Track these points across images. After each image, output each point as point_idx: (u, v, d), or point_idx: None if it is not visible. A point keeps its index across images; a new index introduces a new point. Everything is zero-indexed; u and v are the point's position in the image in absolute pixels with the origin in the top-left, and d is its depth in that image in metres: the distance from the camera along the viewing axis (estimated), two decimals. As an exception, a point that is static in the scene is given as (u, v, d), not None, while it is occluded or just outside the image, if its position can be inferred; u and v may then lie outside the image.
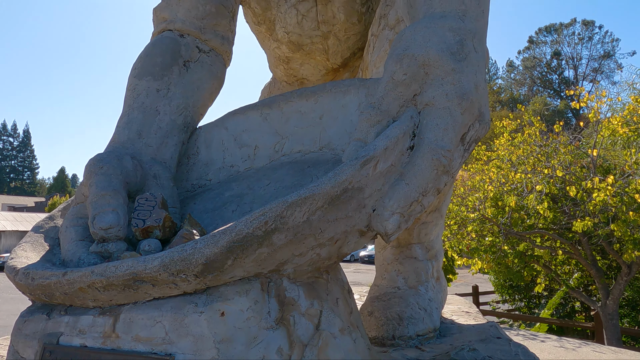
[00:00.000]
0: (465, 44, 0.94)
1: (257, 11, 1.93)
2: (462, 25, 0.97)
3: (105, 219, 0.93)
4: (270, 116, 1.39)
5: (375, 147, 0.79)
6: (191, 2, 1.53)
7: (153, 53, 1.44)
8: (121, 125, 1.30)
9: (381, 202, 0.84)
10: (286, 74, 2.26)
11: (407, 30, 0.98)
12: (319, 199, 0.73)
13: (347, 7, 1.84)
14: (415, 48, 0.93)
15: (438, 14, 1.01)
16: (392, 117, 0.91)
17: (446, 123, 0.87)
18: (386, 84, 0.93)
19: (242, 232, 0.69)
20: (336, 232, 0.80)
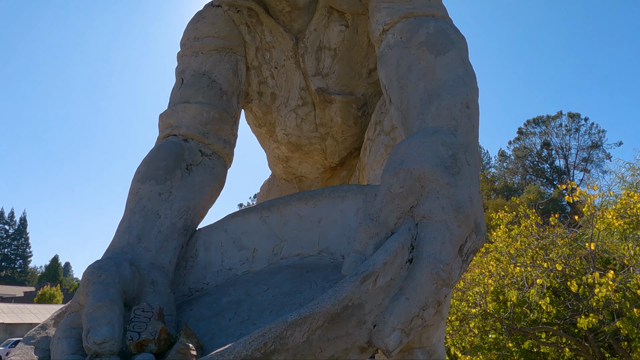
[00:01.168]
0: (458, 158, 0.98)
1: (258, 115, 2.03)
2: (454, 140, 1.02)
3: (100, 333, 0.90)
4: (269, 219, 1.40)
5: (375, 262, 0.80)
6: (196, 109, 1.62)
7: (157, 157, 1.49)
8: (121, 229, 1.31)
9: (382, 317, 0.83)
10: (285, 172, 2.32)
11: (402, 144, 1.03)
12: (319, 317, 0.72)
13: (344, 111, 1.94)
14: (410, 162, 0.97)
15: (431, 128, 1.07)
16: (390, 229, 0.93)
17: (444, 236, 0.88)
18: (383, 196, 0.96)
19: (240, 354, 0.67)
20: (336, 350, 0.78)
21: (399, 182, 0.95)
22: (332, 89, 1.90)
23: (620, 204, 6.39)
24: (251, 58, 1.90)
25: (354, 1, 1.76)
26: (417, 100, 1.20)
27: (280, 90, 1.95)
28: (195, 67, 1.73)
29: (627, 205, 6.17)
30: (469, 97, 1.13)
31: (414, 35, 1.38)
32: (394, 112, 1.35)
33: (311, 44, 1.83)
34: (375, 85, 1.96)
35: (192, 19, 1.87)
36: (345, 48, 1.85)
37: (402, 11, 1.47)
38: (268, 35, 1.86)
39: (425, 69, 1.26)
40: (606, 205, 7.03)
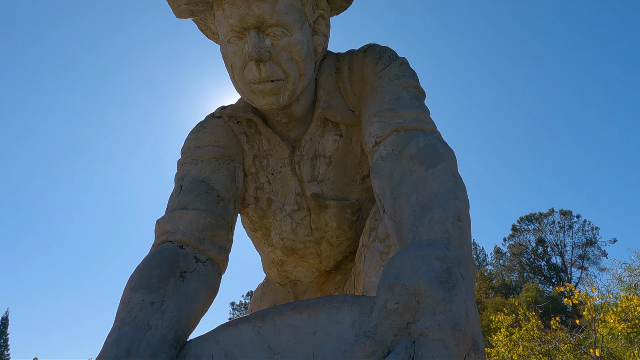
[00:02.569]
0: (453, 272, 0.99)
1: (254, 219, 2.06)
2: (448, 254, 1.03)
3: None
4: (263, 330, 1.37)
5: None
6: (194, 215, 1.64)
7: (151, 265, 1.48)
8: (110, 342, 1.27)
9: None
10: (280, 276, 2.30)
11: (396, 257, 1.04)
12: None
13: (339, 216, 1.97)
14: (405, 277, 0.97)
15: (424, 242, 1.09)
16: (387, 346, 0.91)
17: (442, 355, 0.86)
18: (379, 312, 0.95)
19: None
20: None
21: (394, 298, 0.95)
22: (327, 195, 1.95)
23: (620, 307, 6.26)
24: (249, 165, 1.96)
25: (347, 113, 1.87)
26: (410, 212, 1.23)
27: (277, 195, 2.00)
28: (194, 174, 1.78)
29: (627, 309, 6.04)
30: (460, 210, 1.17)
31: (404, 148, 1.45)
32: (388, 221, 1.38)
33: (307, 152, 1.91)
34: (369, 191, 2.02)
35: (193, 129, 1.96)
36: (339, 156, 1.93)
37: (393, 125, 1.55)
38: (266, 144, 1.94)
39: (417, 181, 1.31)
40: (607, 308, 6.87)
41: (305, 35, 1.67)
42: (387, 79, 1.73)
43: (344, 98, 1.87)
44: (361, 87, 1.83)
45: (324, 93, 1.85)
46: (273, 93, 1.65)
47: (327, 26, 1.83)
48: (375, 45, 1.89)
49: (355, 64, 1.86)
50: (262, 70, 1.59)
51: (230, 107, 1.96)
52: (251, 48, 1.55)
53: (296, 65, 1.65)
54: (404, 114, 1.58)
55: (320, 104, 1.83)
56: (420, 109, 1.62)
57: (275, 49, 1.60)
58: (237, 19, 1.56)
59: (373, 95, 1.72)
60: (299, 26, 1.63)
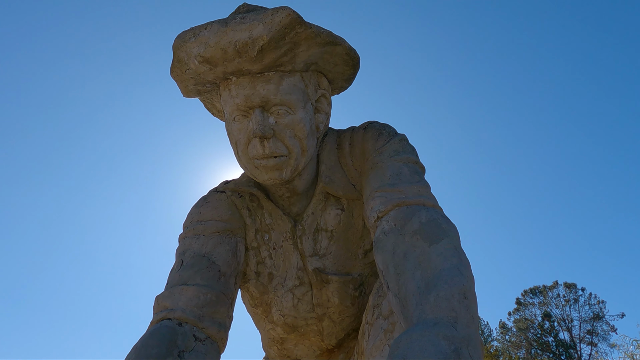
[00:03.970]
0: (462, 353, 0.96)
1: (254, 294, 2.02)
2: (455, 333, 1.01)
3: None
4: None
5: None
6: (194, 291, 1.62)
7: (149, 344, 1.44)
8: None
9: None
10: (280, 355, 2.21)
11: (402, 337, 1.02)
12: None
13: (341, 291, 1.94)
14: (412, 358, 0.94)
15: (431, 320, 1.06)
16: None
17: None
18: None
19: None
20: None
21: None
22: (329, 269, 1.93)
23: None
24: (250, 239, 1.96)
25: (348, 187, 1.89)
26: (415, 289, 1.22)
27: (278, 270, 1.97)
28: (196, 249, 1.78)
29: None
30: (466, 287, 1.16)
31: (407, 223, 1.46)
32: (392, 298, 1.36)
33: (309, 226, 1.92)
34: (372, 265, 2.00)
35: (196, 203, 1.98)
36: (341, 230, 1.93)
37: (394, 200, 1.57)
38: (268, 218, 1.95)
39: (421, 257, 1.30)
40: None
41: (308, 113, 1.73)
42: (387, 155, 1.77)
43: (345, 173, 1.91)
44: (362, 162, 1.87)
45: (325, 168, 1.89)
46: (276, 168, 1.68)
47: (328, 105, 1.91)
48: (375, 122, 1.95)
49: (356, 140, 1.91)
50: (265, 146, 1.64)
51: (234, 182, 1.99)
52: (256, 126, 1.61)
53: (299, 141, 1.69)
54: (405, 189, 1.60)
55: (322, 179, 1.87)
56: (421, 184, 1.64)
57: (279, 127, 1.65)
58: (243, 98, 1.62)
59: (374, 171, 1.75)
60: (302, 105, 1.70)
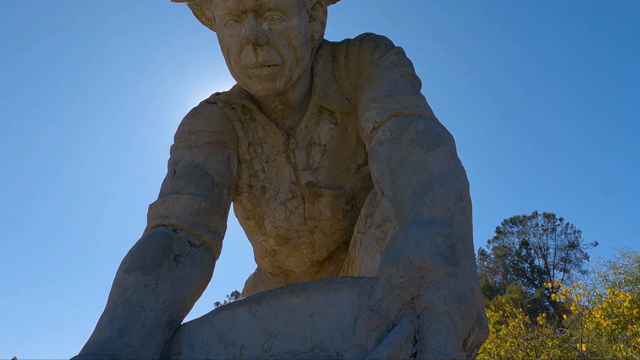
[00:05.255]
0: (456, 249, 0.99)
1: (247, 207, 2.04)
2: (451, 231, 1.03)
3: None
4: (259, 313, 1.35)
5: (379, 355, 0.77)
6: (187, 200, 1.62)
7: (145, 247, 1.46)
8: (103, 323, 1.24)
9: None
10: (272, 266, 2.28)
11: (399, 234, 1.04)
12: None
13: (333, 205, 1.96)
14: (409, 252, 0.97)
15: (427, 219, 1.08)
16: (392, 320, 0.90)
17: (448, 329, 0.86)
18: (383, 287, 0.94)
19: None
20: None
21: (399, 272, 0.94)
22: (321, 183, 1.94)
23: (606, 303, 6.38)
24: (243, 152, 1.94)
25: (343, 101, 1.86)
26: (411, 193, 1.23)
27: (271, 183, 1.98)
28: (188, 160, 1.76)
29: (613, 305, 6.16)
30: (462, 190, 1.17)
31: (404, 132, 1.45)
32: (387, 204, 1.37)
33: (302, 140, 1.90)
34: (364, 180, 2.01)
35: (187, 114, 1.94)
36: (334, 144, 1.92)
37: (391, 110, 1.55)
38: (260, 131, 1.92)
39: (417, 163, 1.30)
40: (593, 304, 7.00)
41: (303, 20, 1.66)
42: (384, 67, 1.73)
43: (340, 86, 1.86)
44: (358, 75, 1.82)
45: (320, 81, 1.84)
46: (269, 78, 1.63)
47: (324, 13, 1.82)
48: (371, 35, 1.88)
49: (351, 52, 1.85)
50: (259, 54, 1.58)
51: (225, 94, 1.94)
52: (248, 31, 1.54)
53: (293, 50, 1.63)
54: (402, 100, 1.58)
55: (316, 92, 1.82)
56: (417, 96, 1.62)
57: (273, 34, 1.59)
58: (235, 1, 1.54)
59: (370, 83, 1.71)
60: (297, 11, 1.62)
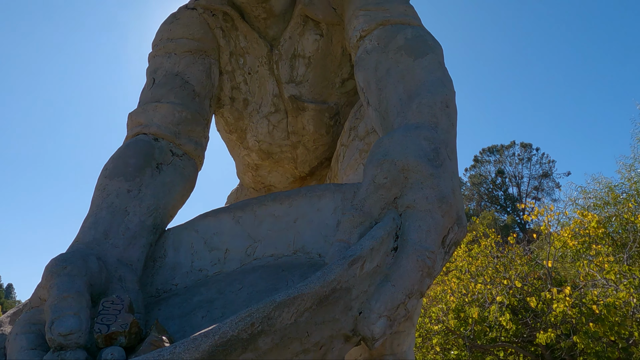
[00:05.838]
0: (440, 152, 1.00)
1: (229, 120, 2.01)
2: (436, 135, 1.03)
3: (66, 324, 0.85)
4: (242, 219, 1.37)
5: (362, 247, 0.79)
6: (168, 108, 1.58)
7: (126, 154, 1.44)
8: (87, 225, 1.24)
9: (367, 304, 0.82)
10: (254, 181, 2.29)
11: (384, 138, 1.04)
12: (308, 299, 0.70)
13: (317, 120, 1.94)
14: (394, 154, 0.97)
15: (412, 124, 1.08)
16: (374, 218, 0.92)
17: (428, 225, 0.89)
18: (367, 186, 0.96)
19: (226, 334, 0.64)
20: (322, 336, 0.76)
21: (383, 173, 0.95)
22: (305, 97, 1.91)
23: (574, 224, 6.72)
24: (225, 62, 1.88)
25: (329, 11, 1.78)
26: (397, 101, 1.22)
27: (253, 96, 1.94)
28: (167, 68, 1.70)
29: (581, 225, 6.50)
30: (448, 97, 1.16)
31: (391, 40, 1.41)
32: (372, 113, 1.36)
33: (286, 51, 1.84)
34: (348, 95, 1.98)
35: (165, 20, 1.84)
36: (319, 57, 1.87)
37: (379, 19, 1.50)
38: (242, 41, 1.85)
39: (404, 71, 1.28)
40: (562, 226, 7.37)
41: None
42: None
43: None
44: None
45: None
46: None
47: None
48: None
49: None
50: None
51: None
52: None
53: None
54: (390, 8, 1.52)
55: (302, 0, 1.74)
56: (406, 5, 1.56)
57: None
58: None
59: None
60: None
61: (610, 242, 7.14)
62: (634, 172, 9.48)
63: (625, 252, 6.66)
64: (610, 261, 6.41)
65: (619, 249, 7.01)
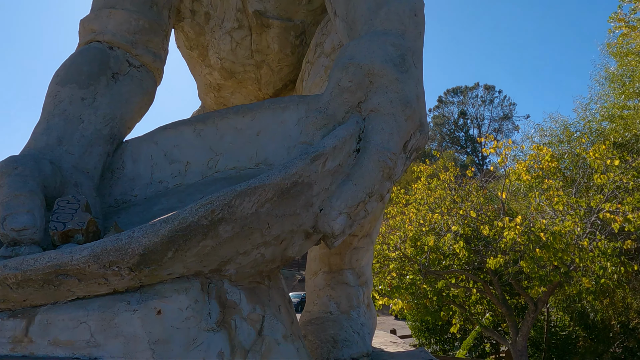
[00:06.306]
0: (406, 58, 0.99)
1: (190, 35, 1.91)
2: (403, 42, 1.02)
3: (19, 220, 0.82)
4: (204, 132, 1.34)
5: (325, 144, 0.79)
6: (123, 15, 1.48)
7: (79, 61, 1.36)
8: (39, 131, 1.19)
9: (328, 201, 0.83)
10: (216, 102, 2.23)
11: (351, 43, 1.02)
12: (269, 190, 0.70)
13: (282, 38, 1.88)
14: (360, 58, 0.96)
15: (380, 31, 1.06)
16: (338, 121, 0.92)
17: (391, 128, 0.89)
18: (332, 89, 0.94)
19: (186, 220, 0.64)
20: (283, 229, 0.77)
21: (348, 76, 0.94)
22: (270, 13, 1.83)
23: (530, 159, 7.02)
24: None
25: None
26: (365, 10, 1.18)
27: (215, 10, 1.84)
28: None
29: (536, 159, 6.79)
30: (417, 6, 1.14)
31: None
32: (339, 24, 1.32)
33: None
34: (315, 13, 1.91)
35: None
36: None
37: None
38: None
39: None
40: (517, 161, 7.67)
41: None
42: None
43: None
44: None
45: None
46: None
47: None
48: None
49: None
50: None
51: None
52: None
53: None
54: None
55: None
56: None
57: None
58: None
59: None
60: None
61: (562, 177, 7.53)
62: (589, 111, 9.86)
63: (574, 187, 7.06)
64: (559, 195, 6.79)
65: (568, 184, 7.42)
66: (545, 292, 6.78)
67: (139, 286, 0.67)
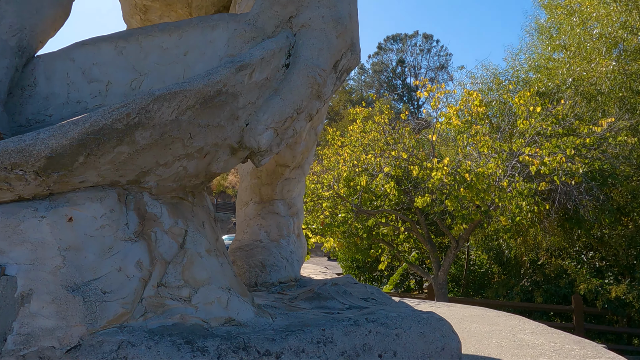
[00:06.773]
0: None
1: None
2: None
3: None
4: (126, 50, 1.25)
5: (252, 55, 0.76)
6: None
7: None
8: None
9: (255, 116, 0.81)
10: (142, 25, 2.08)
11: None
12: (191, 96, 0.67)
13: None
14: None
15: None
16: (268, 35, 0.89)
17: (322, 43, 0.87)
18: (262, 1, 0.90)
19: (98, 122, 0.60)
20: (206, 142, 0.74)
21: None
22: None
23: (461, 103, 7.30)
24: None
25: None
26: None
27: None
28: None
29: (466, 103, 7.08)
30: None
31: None
32: None
33: None
34: None
35: None
36: None
37: None
38: None
39: None
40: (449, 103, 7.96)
41: None
42: None
43: None
44: None
45: None
46: None
47: None
48: None
49: None
50: None
51: None
52: None
53: None
54: None
55: None
56: None
57: None
58: None
59: None
60: None
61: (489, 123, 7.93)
62: (517, 61, 10.27)
63: (499, 133, 7.47)
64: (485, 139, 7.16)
65: (494, 130, 7.83)
66: (467, 230, 7.29)
67: (48, 194, 0.64)
